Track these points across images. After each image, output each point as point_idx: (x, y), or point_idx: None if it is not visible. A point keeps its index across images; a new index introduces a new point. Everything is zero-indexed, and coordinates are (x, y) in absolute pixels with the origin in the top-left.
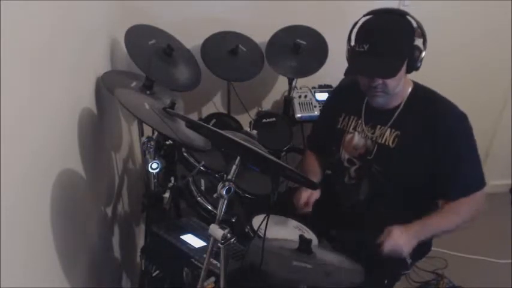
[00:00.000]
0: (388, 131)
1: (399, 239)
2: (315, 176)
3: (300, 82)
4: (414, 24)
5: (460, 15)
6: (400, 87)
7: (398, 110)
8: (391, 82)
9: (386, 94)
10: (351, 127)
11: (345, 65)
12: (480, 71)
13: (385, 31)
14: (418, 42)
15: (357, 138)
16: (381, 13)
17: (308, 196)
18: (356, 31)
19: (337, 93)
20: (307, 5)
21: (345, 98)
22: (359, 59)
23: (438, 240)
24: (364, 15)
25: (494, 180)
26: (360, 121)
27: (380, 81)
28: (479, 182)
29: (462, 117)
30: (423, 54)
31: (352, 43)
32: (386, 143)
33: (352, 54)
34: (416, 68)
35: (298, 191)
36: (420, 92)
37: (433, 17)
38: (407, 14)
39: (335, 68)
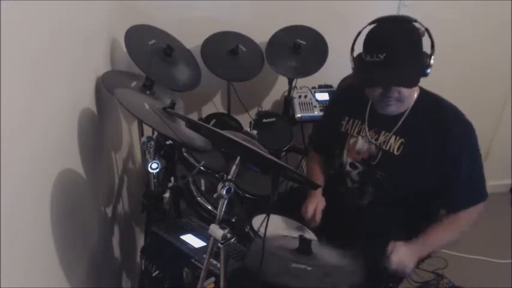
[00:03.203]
0: (393, 137)
1: (404, 257)
2: (319, 180)
3: (300, 82)
4: (422, 30)
5: (460, 15)
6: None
7: (404, 117)
8: (406, 90)
9: (399, 102)
10: (355, 131)
11: (345, 65)
12: (480, 71)
13: (401, 39)
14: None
15: (361, 143)
16: (389, 21)
17: (314, 208)
18: (365, 40)
19: (340, 95)
20: (307, 5)
21: (349, 101)
22: (375, 70)
23: None
24: (370, 24)
25: (494, 180)
26: (363, 126)
27: (396, 91)
28: (480, 195)
29: (469, 127)
30: (432, 60)
31: (363, 53)
32: (391, 150)
33: (365, 65)
34: (426, 75)
35: (304, 204)
36: (426, 98)
37: (433, 17)
38: (415, 20)
39: (335, 68)
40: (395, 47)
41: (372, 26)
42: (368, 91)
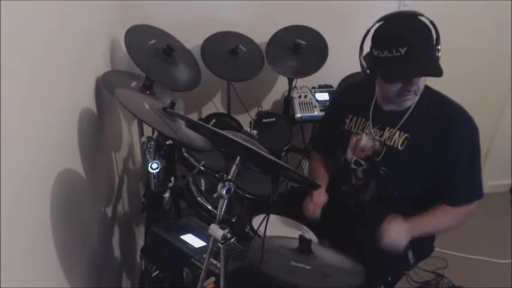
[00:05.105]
0: (397, 133)
1: (397, 234)
2: (322, 180)
3: (300, 82)
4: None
5: (459, 15)
6: None
7: (408, 113)
8: (422, 83)
9: (415, 96)
10: (359, 128)
11: (345, 65)
12: (480, 71)
13: (419, 32)
14: None
15: (365, 140)
16: (400, 16)
17: (314, 204)
18: (379, 37)
19: (341, 95)
20: (307, 5)
21: (351, 99)
22: (397, 64)
23: (438, 240)
24: (378, 21)
25: (494, 180)
26: (367, 123)
27: (416, 84)
28: (476, 194)
29: (473, 127)
30: (440, 53)
31: (378, 50)
32: (395, 145)
33: (383, 61)
34: None
35: (305, 199)
36: (430, 95)
37: (433, 17)
38: (422, 14)
39: (335, 68)
40: (415, 40)
41: (380, 23)
42: (386, 87)
